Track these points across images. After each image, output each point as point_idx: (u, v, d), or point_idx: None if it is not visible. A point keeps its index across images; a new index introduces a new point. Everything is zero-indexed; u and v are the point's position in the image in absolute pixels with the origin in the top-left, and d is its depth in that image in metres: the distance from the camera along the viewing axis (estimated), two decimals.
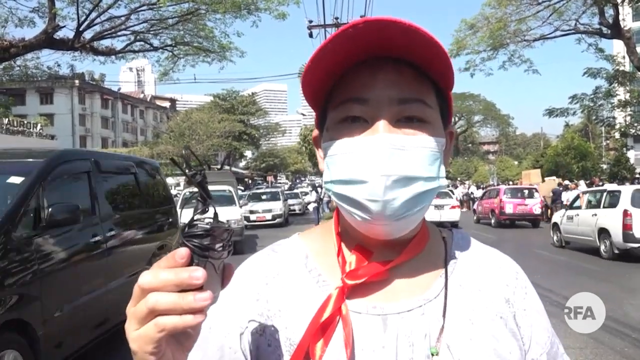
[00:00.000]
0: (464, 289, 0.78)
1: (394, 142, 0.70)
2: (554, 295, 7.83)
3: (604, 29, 19.22)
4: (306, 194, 37.31)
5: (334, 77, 0.75)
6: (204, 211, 0.59)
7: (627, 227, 11.34)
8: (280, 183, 63.89)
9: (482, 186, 39.69)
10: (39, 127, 32.91)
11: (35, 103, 56.26)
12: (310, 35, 22.05)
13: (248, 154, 70.31)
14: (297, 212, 30.71)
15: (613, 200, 12.28)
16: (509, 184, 34.99)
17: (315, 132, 0.83)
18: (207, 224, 0.58)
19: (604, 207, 12.48)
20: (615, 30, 18.57)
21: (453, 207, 20.80)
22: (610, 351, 5.67)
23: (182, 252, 0.54)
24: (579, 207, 13.97)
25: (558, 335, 0.86)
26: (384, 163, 0.69)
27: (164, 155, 44.33)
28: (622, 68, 22.53)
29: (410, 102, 0.72)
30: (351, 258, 0.77)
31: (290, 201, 29.75)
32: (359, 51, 0.71)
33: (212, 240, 0.56)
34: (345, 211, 0.75)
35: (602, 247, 12.25)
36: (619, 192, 12.42)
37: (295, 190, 38.20)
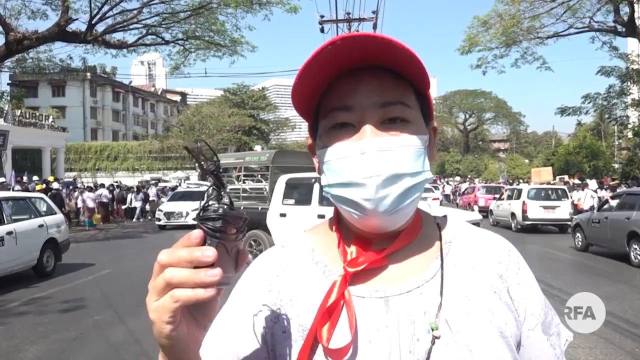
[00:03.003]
0: (458, 269, 0.84)
1: (380, 144, 0.77)
2: (564, 294, 7.78)
3: (619, 27, 19.01)
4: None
5: (322, 88, 0.82)
6: (219, 198, 0.66)
7: None
8: None
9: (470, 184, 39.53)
10: (50, 119, 33.08)
11: (48, 95, 56.64)
12: (322, 31, 21.96)
13: (257, 148, 70.36)
14: None
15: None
16: (511, 183, 34.82)
17: (310, 141, 0.91)
18: (220, 209, 0.64)
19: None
20: (630, 28, 18.36)
21: (434, 199, 22.03)
22: (621, 351, 5.62)
23: (196, 233, 0.62)
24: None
25: None
26: (373, 165, 0.76)
27: (174, 149, 44.62)
28: (636, 66, 22.27)
29: (391, 105, 0.79)
30: (351, 249, 0.84)
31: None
32: (342, 64, 0.78)
33: (224, 224, 0.63)
34: (343, 210, 0.83)
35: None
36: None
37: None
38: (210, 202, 0.65)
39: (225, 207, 0.65)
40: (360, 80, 0.80)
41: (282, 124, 69.84)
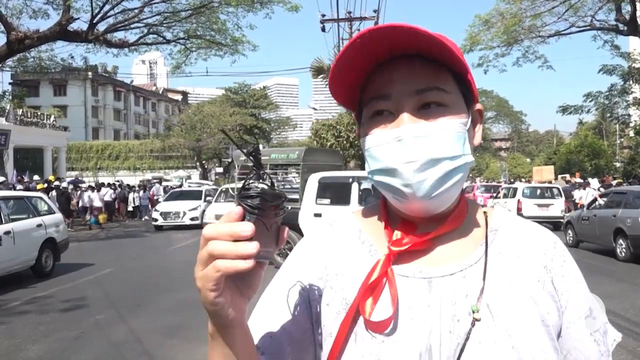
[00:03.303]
0: (503, 256, 0.86)
1: (416, 131, 0.79)
2: None
3: (621, 26, 18.97)
4: None
5: (360, 81, 0.86)
6: (258, 178, 0.71)
7: None
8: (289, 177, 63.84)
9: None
10: (52, 118, 33.09)
11: (49, 94, 56.67)
12: (323, 30, 21.95)
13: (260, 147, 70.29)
14: None
15: None
16: (512, 182, 34.76)
17: (358, 129, 0.94)
18: (258, 187, 0.69)
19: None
20: (632, 27, 18.32)
21: None
22: (622, 350, 5.61)
23: (236, 210, 0.67)
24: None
25: None
26: (409, 151, 0.79)
27: (175, 148, 44.60)
28: (638, 65, 22.22)
29: (426, 91, 0.81)
30: (397, 232, 0.88)
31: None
32: (374, 54, 0.82)
33: (262, 201, 0.67)
34: (387, 196, 0.87)
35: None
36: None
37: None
38: (250, 182, 0.70)
39: (265, 186, 0.70)
40: (396, 69, 0.83)
41: (283, 123, 69.86)
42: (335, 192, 10.36)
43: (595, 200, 14.32)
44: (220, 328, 0.73)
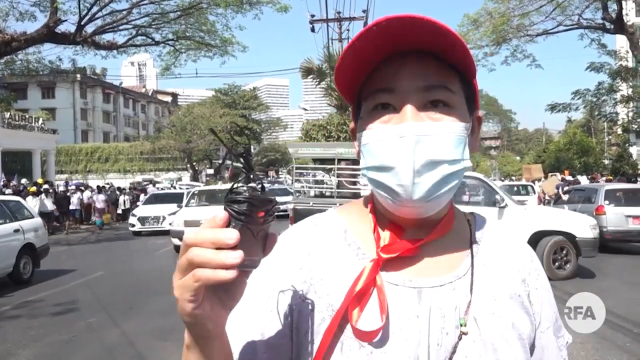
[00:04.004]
0: (488, 269, 0.86)
1: (420, 129, 0.76)
2: (565, 294, 7.81)
3: (607, 24, 19.12)
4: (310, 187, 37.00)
5: (365, 71, 0.82)
6: (247, 181, 0.67)
7: None
8: (281, 177, 63.81)
9: None
10: (40, 121, 32.80)
11: (37, 97, 56.15)
12: (313, 30, 21.95)
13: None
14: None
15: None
16: (502, 181, 34.96)
17: (352, 125, 0.90)
18: (246, 192, 0.65)
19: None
20: (619, 25, 18.47)
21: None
22: (613, 346, 5.67)
23: (221, 215, 0.63)
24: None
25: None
26: (410, 150, 0.75)
27: (166, 150, 44.41)
28: (625, 63, 22.43)
29: (434, 89, 0.79)
30: (385, 234, 0.85)
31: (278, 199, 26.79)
32: (386, 46, 0.78)
33: (249, 207, 0.63)
34: (379, 195, 0.82)
35: None
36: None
37: (284, 185, 29.20)
38: (239, 185, 0.66)
39: (254, 190, 0.66)
40: (404, 63, 0.79)
41: (274, 124, 69.83)
42: None
43: (560, 197, 15.87)
44: (198, 340, 0.69)
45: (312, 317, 0.81)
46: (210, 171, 46.69)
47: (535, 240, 9.22)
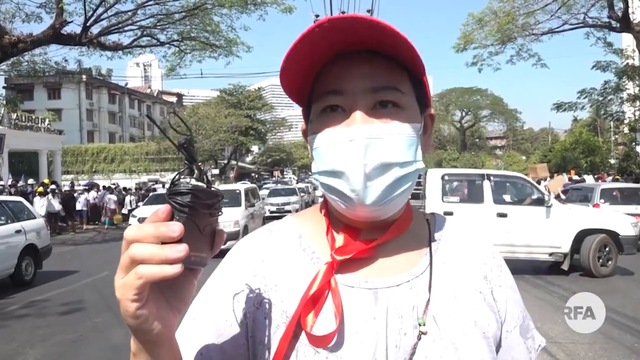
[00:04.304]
0: (447, 267, 0.84)
1: (369, 132, 0.74)
2: (565, 291, 7.79)
3: (613, 22, 19.03)
4: (315, 188, 37.08)
5: (314, 72, 0.80)
6: (191, 172, 0.63)
7: None
8: (286, 178, 63.89)
9: None
10: (47, 122, 32.93)
11: (43, 98, 56.41)
12: None
13: (255, 148, 70.38)
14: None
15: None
16: None
17: (303, 125, 0.88)
18: (189, 184, 0.61)
19: None
20: (625, 24, 18.38)
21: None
22: (620, 347, 5.64)
23: (163, 208, 0.60)
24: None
25: (568, 330, 0.90)
26: (361, 153, 0.74)
27: (171, 151, 44.49)
28: (631, 62, 22.32)
29: (383, 90, 0.77)
30: (339, 237, 0.83)
31: (279, 200, 25.82)
32: (331, 46, 0.76)
33: (193, 198, 0.60)
34: (332, 200, 0.81)
35: None
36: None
37: (290, 185, 31.95)
38: (181, 177, 0.63)
39: (199, 182, 0.62)
40: (352, 64, 0.78)
41: (278, 124, 69.89)
42: (463, 190, 10.31)
43: (559, 195, 15.85)
44: (146, 345, 0.65)
45: (266, 325, 0.79)
46: (216, 171, 46.79)
47: (579, 239, 9.47)
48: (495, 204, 9.63)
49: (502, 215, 9.44)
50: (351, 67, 0.78)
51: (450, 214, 9.60)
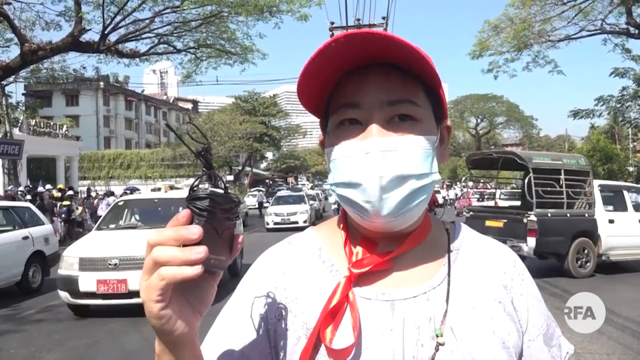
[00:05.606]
0: (465, 277, 0.84)
1: (385, 144, 0.76)
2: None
3: (632, 29, 18.82)
4: (327, 197, 36.84)
5: (330, 85, 0.82)
6: (209, 179, 0.67)
7: None
8: (301, 184, 63.92)
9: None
10: (64, 128, 33.42)
11: (61, 105, 57.24)
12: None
13: (269, 155, 70.60)
14: (302, 224, 22.36)
15: None
16: None
17: (321, 137, 0.90)
18: (208, 189, 0.64)
19: None
20: None
21: None
22: (639, 357, 5.54)
23: (183, 212, 0.63)
24: None
25: (585, 340, 0.88)
26: (377, 166, 0.75)
27: (186, 157, 44.82)
28: None
29: (399, 103, 0.78)
30: (357, 249, 0.84)
31: (284, 209, 23.39)
32: (347, 61, 0.78)
33: (211, 203, 0.63)
34: (348, 211, 0.83)
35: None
36: None
37: (299, 192, 29.06)
38: (200, 184, 0.66)
39: (217, 188, 0.66)
40: (368, 78, 0.79)
41: (293, 131, 69.99)
42: (613, 199, 11.02)
43: None
44: (169, 346, 0.68)
45: (289, 336, 0.81)
46: (230, 177, 47.01)
47: None
48: (636, 211, 10.76)
49: None
50: (367, 81, 0.79)
51: (612, 221, 10.57)
